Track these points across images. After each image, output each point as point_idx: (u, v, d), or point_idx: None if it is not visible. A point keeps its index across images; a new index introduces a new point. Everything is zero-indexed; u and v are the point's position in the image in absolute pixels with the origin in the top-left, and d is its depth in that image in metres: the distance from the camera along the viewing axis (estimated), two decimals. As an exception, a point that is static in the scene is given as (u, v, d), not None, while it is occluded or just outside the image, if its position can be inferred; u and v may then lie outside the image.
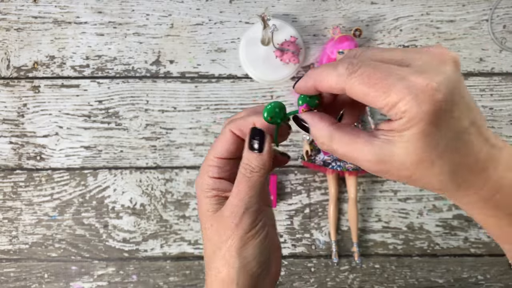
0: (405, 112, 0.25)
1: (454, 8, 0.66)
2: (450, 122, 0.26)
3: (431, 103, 0.25)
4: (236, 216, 0.32)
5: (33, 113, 0.65)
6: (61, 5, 0.65)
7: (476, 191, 0.28)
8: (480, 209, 0.29)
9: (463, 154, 0.27)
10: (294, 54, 0.60)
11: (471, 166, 0.27)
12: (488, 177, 0.27)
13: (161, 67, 0.65)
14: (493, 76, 0.66)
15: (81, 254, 0.65)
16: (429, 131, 0.25)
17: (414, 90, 0.25)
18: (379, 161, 0.27)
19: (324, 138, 0.29)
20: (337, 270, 0.65)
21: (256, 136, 0.32)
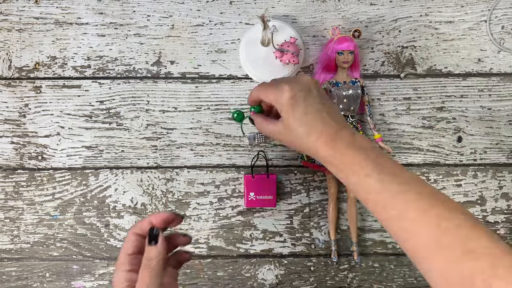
0: (274, 100, 0.48)
1: (452, 9, 0.66)
2: (300, 105, 0.47)
3: (287, 95, 0.47)
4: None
5: (34, 113, 0.65)
6: (62, 6, 0.65)
7: (323, 151, 0.46)
8: (327, 163, 0.47)
9: (311, 124, 0.47)
10: (293, 55, 0.60)
11: (320, 132, 0.46)
12: (333, 141, 0.46)
13: (162, 67, 0.65)
14: (492, 76, 0.66)
15: (82, 253, 0.65)
16: (286, 109, 0.47)
17: (279, 89, 0.48)
18: (272, 129, 0.50)
19: (258, 125, 0.52)
20: (337, 269, 0.66)
21: (152, 233, 0.42)
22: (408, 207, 0.41)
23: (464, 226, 0.39)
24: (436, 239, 0.39)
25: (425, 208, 0.41)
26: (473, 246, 0.38)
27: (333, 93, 0.62)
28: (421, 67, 0.66)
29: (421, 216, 0.40)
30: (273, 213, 0.66)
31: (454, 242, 0.39)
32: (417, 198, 0.41)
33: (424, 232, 0.40)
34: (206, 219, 0.66)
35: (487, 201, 0.66)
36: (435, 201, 0.41)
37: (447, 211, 0.40)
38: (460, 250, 0.38)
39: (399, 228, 0.42)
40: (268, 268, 0.66)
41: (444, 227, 0.39)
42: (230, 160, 0.66)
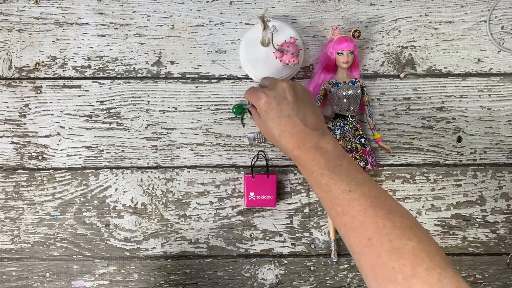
0: (259, 106, 0.55)
1: (452, 9, 0.66)
2: (273, 111, 0.54)
3: (262, 103, 0.55)
4: None
5: (35, 113, 0.65)
6: (62, 6, 0.65)
7: (291, 150, 0.53)
8: (295, 161, 0.54)
9: (281, 130, 0.54)
10: (293, 55, 0.60)
11: (289, 134, 0.53)
12: (301, 142, 0.52)
13: (162, 67, 0.66)
14: (491, 76, 0.66)
15: (82, 253, 0.65)
16: (264, 114, 0.55)
17: (258, 99, 0.55)
18: (261, 128, 0.57)
19: (253, 116, 0.60)
20: (336, 268, 0.66)
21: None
22: (351, 205, 0.47)
23: (399, 227, 0.44)
24: (371, 236, 0.45)
25: (365, 208, 0.46)
26: (399, 244, 0.43)
27: (333, 93, 0.62)
28: (421, 67, 0.66)
29: (360, 215, 0.46)
30: (273, 213, 0.66)
31: (384, 241, 0.44)
32: (360, 198, 0.47)
33: (361, 230, 0.46)
34: (206, 219, 0.66)
35: (486, 201, 0.66)
36: (377, 201, 0.47)
37: (386, 212, 0.46)
38: (387, 248, 0.43)
39: (341, 222, 0.48)
40: (268, 268, 0.66)
41: (381, 226, 0.45)
42: (230, 160, 0.66)
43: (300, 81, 0.66)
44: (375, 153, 0.66)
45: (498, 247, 0.67)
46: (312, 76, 0.66)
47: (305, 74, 0.66)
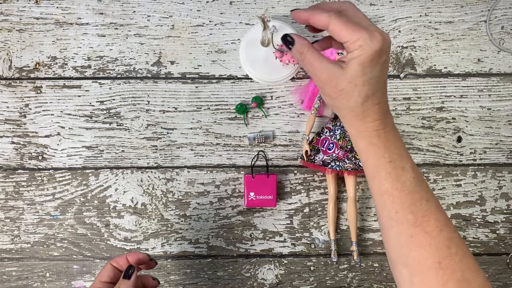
0: (360, 46, 0.39)
1: (452, 9, 0.66)
2: (380, 64, 0.41)
3: (377, 46, 0.39)
4: None
5: (35, 113, 0.65)
6: (62, 6, 0.65)
7: (371, 121, 0.42)
8: (366, 137, 0.43)
9: (376, 89, 0.42)
10: None
11: (378, 101, 0.42)
12: (384, 115, 0.43)
13: (162, 68, 0.66)
14: (491, 76, 0.66)
15: (82, 253, 0.65)
16: (366, 63, 0.40)
17: (371, 37, 0.39)
18: (327, 74, 0.42)
19: (304, 47, 0.43)
20: (336, 268, 0.66)
21: (129, 269, 0.50)
22: (426, 217, 0.41)
23: (469, 257, 0.41)
24: (441, 260, 0.40)
25: (442, 226, 0.41)
26: (470, 277, 0.40)
27: (333, 93, 0.62)
28: (420, 67, 0.66)
29: (435, 232, 0.41)
30: (273, 213, 0.66)
31: (456, 269, 0.40)
32: (437, 212, 0.42)
33: (431, 249, 0.41)
34: (206, 219, 0.66)
35: (486, 201, 0.66)
36: (449, 221, 0.42)
37: (457, 236, 0.42)
38: (458, 277, 0.40)
39: (407, 233, 0.42)
40: (268, 268, 0.66)
41: (454, 252, 0.41)
42: (230, 160, 0.66)
43: (300, 81, 0.66)
44: (375, 153, 0.66)
45: (498, 247, 0.67)
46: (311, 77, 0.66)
47: (305, 74, 0.66)
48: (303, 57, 0.43)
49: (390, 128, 0.43)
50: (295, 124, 0.66)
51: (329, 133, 0.63)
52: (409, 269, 0.41)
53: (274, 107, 0.66)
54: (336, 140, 0.62)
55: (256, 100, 0.64)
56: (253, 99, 0.65)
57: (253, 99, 0.65)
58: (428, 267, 0.40)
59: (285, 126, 0.66)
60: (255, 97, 0.65)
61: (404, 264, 0.41)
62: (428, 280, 0.40)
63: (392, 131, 0.43)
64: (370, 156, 0.43)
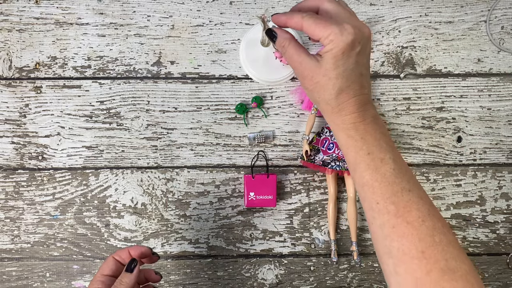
0: (331, 41, 0.40)
1: (452, 9, 0.66)
2: (353, 57, 0.41)
3: (348, 39, 0.40)
4: None
5: (35, 113, 0.65)
6: (62, 6, 0.65)
7: (347, 114, 0.43)
8: (344, 130, 0.43)
9: (351, 82, 0.42)
10: None
11: (354, 94, 0.42)
12: (362, 107, 0.43)
13: (162, 68, 0.66)
14: (491, 76, 0.66)
15: (82, 253, 0.65)
16: (338, 56, 0.41)
17: (341, 30, 0.40)
18: (304, 67, 0.43)
19: (286, 40, 0.44)
20: (336, 268, 0.66)
21: (131, 263, 0.50)
22: (407, 207, 0.41)
23: (454, 246, 0.41)
24: (425, 250, 0.40)
25: (424, 216, 0.41)
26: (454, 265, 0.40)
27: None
28: (420, 67, 0.66)
29: (418, 222, 0.41)
30: (273, 213, 0.66)
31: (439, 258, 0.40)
32: (418, 202, 0.42)
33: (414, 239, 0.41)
34: (206, 219, 0.66)
35: (486, 201, 0.66)
36: (433, 211, 0.42)
37: (442, 225, 0.42)
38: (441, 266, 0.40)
39: (389, 223, 0.42)
40: (268, 268, 0.66)
41: (437, 240, 0.41)
42: (230, 160, 0.66)
43: (300, 81, 0.66)
44: (375, 153, 0.66)
45: (498, 247, 0.67)
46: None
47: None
48: (285, 50, 0.44)
49: (370, 120, 0.43)
50: (295, 124, 0.66)
51: (329, 133, 0.63)
52: (393, 259, 0.41)
53: (274, 107, 0.66)
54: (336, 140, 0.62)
55: (256, 100, 0.64)
56: (253, 99, 0.65)
57: (253, 99, 0.65)
58: (411, 256, 0.40)
59: (285, 126, 0.66)
60: (255, 97, 0.65)
61: (389, 255, 0.42)
62: (412, 269, 0.40)
63: (372, 123, 0.43)
64: (349, 149, 0.43)
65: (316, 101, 0.44)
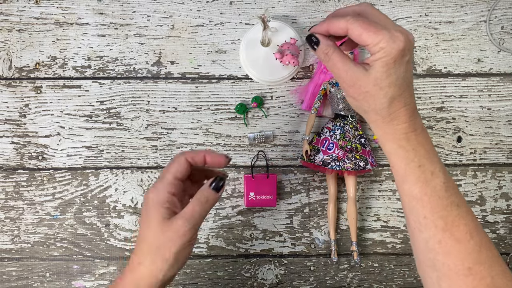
0: (382, 48, 0.39)
1: (452, 9, 0.66)
2: (403, 64, 0.40)
3: (400, 47, 0.38)
4: (186, 226, 0.43)
5: (35, 113, 0.65)
6: (62, 6, 0.65)
7: (399, 123, 0.41)
8: (395, 140, 0.42)
9: (402, 90, 0.40)
10: (293, 56, 0.60)
11: (405, 103, 0.41)
12: (413, 116, 0.41)
13: (162, 68, 0.66)
14: (491, 76, 0.66)
15: (82, 253, 0.65)
16: (390, 64, 0.39)
17: (392, 37, 0.39)
18: (351, 76, 0.41)
19: (330, 48, 0.42)
20: (336, 268, 0.66)
21: (220, 181, 0.46)
22: (456, 222, 0.41)
23: (499, 263, 0.41)
24: (471, 266, 0.40)
25: (471, 230, 0.41)
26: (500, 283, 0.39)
27: (333, 93, 0.62)
28: (420, 67, 0.66)
29: (465, 238, 0.40)
30: (273, 213, 0.66)
31: (485, 275, 0.39)
32: (466, 217, 0.41)
33: (460, 255, 0.40)
34: (206, 219, 0.66)
35: (486, 201, 0.66)
36: (480, 226, 0.42)
37: (487, 241, 0.41)
38: (487, 283, 0.39)
39: (436, 238, 0.41)
40: (268, 268, 0.66)
41: (484, 257, 0.40)
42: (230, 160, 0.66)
43: (300, 81, 0.66)
44: (375, 153, 0.66)
45: (498, 247, 0.67)
46: (312, 76, 0.66)
47: (305, 74, 0.66)
48: (328, 58, 0.42)
49: (420, 130, 0.42)
50: (295, 124, 0.66)
51: (329, 133, 0.63)
52: (437, 273, 0.41)
53: (274, 107, 0.66)
54: (336, 140, 0.62)
55: (256, 100, 0.64)
56: (253, 99, 0.65)
57: (253, 99, 0.65)
58: (457, 272, 0.39)
59: (285, 126, 0.66)
60: (255, 97, 0.65)
61: (433, 268, 0.41)
62: (457, 285, 0.39)
63: (422, 134, 0.42)
64: (398, 160, 0.42)
65: (364, 111, 0.43)
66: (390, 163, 0.43)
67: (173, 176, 0.45)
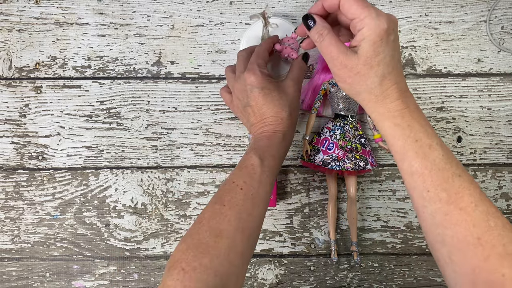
0: (367, 24, 0.40)
1: (452, 9, 0.66)
2: (390, 43, 0.41)
3: (385, 25, 0.40)
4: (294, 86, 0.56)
5: (35, 113, 0.65)
6: (62, 6, 0.65)
7: (392, 101, 0.43)
8: (390, 118, 0.43)
9: (392, 68, 0.42)
10: (293, 49, 0.59)
11: (395, 80, 0.42)
12: (404, 94, 0.43)
13: (162, 67, 0.66)
14: (491, 76, 0.66)
15: (82, 253, 0.65)
16: (377, 42, 0.41)
17: (378, 16, 0.41)
18: (342, 58, 0.42)
19: (325, 29, 0.44)
20: (336, 268, 0.66)
21: (306, 54, 0.58)
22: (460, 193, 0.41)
23: (509, 229, 0.39)
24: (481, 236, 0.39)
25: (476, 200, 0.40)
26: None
27: (333, 93, 0.62)
28: (420, 67, 0.66)
29: (471, 207, 0.40)
30: (273, 213, 0.66)
31: (496, 244, 0.38)
32: (469, 187, 0.41)
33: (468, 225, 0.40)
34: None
35: (486, 201, 0.66)
36: (484, 195, 0.41)
37: (495, 210, 0.41)
38: (499, 252, 0.38)
39: (442, 211, 0.41)
40: (268, 268, 0.66)
41: (493, 225, 0.39)
42: (230, 160, 0.66)
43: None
44: (375, 153, 0.66)
45: (498, 247, 0.66)
46: (312, 76, 0.66)
47: (305, 74, 0.66)
48: (322, 38, 0.44)
49: (413, 107, 0.43)
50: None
51: (329, 133, 0.63)
52: (447, 247, 0.40)
53: (274, 107, 0.66)
54: (336, 140, 0.62)
55: None
56: None
57: None
58: (467, 243, 0.39)
59: (285, 126, 0.66)
60: None
61: (442, 243, 0.40)
62: (468, 256, 0.39)
63: (416, 110, 0.43)
64: (395, 138, 0.43)
65: (357, 92, 0.44)
66: (388, 143, 0.44)
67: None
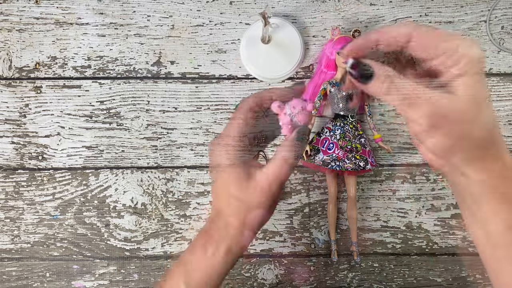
0: (464, 55, 0.29)
1: (452, 9, 0.66)
2: (484, 79, 0.30)
3: (481, 53, 0.29)
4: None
5: (35, 113, 0.65)
6: (62, 6, 0.65)
7: (504, 153, 0.31)
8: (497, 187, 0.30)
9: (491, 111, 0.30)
10: (292, 120, 0.47)
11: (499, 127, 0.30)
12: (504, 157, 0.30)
13: (162, 67, 0.66)
14: (491, 76, 0.66)
15: (82, 253, 0.65)
16: (482, 76, 0.29)
17: (471, 41, 0.29)
18: (436, 114, 0.29)
19: (389, 77, 0.33)
20: (336, 268, 0.66)
21: (304, 133, 0.39)
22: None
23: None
24: None
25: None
26: None
27: (333, 93, 0.62)
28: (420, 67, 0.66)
29: None
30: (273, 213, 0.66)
31: None
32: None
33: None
34: (206, 219, 0.66)
35: (486, 201, 0.66)
36: None
37: None
38: None
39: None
40: (268, 268, 0.66)
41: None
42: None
43: (300, 81, 0.66)
44: (375, 153, 0.66)
45: (498, 247, 0.66)
46: (312, 76, 0.66)
47: (305, 74, 0.66)
48: (393, 86, 0.33)
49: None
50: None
51: (329, 133, 0.63)
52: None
53: (274, 107, 0.66)
54: (336, 140, 0.62)
55: None
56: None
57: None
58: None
59: (285, 126, 0.66)
60: None
61: None
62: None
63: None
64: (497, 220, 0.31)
65: (458, 149, 0.31)
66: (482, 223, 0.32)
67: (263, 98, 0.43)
